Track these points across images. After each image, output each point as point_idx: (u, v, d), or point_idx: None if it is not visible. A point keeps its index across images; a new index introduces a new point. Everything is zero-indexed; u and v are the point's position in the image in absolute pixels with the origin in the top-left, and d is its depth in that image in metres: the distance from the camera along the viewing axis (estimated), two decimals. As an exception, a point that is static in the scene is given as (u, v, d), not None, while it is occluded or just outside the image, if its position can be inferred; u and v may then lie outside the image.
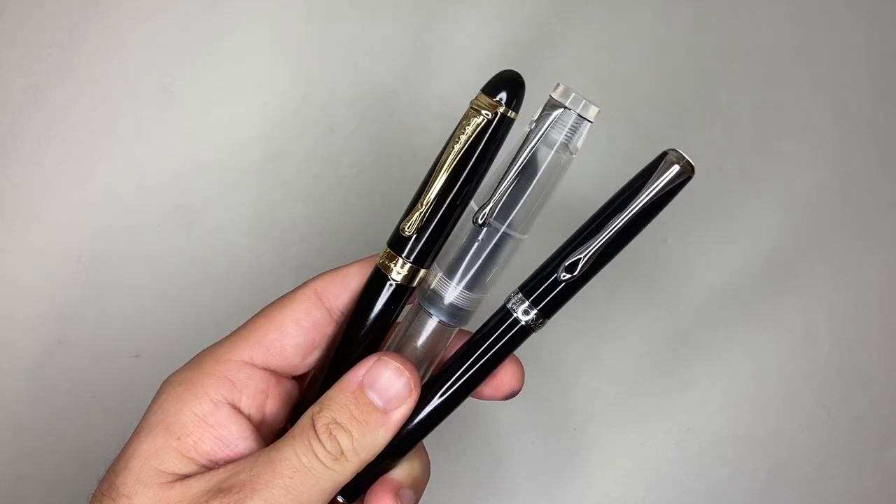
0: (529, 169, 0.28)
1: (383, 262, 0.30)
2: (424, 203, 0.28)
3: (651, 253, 0.50)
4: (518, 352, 0.32)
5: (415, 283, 0.30)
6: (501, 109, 0.28)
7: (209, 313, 0.33)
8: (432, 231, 0.29)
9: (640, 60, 0.51)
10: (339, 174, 0.48)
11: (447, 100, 0.29)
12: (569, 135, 0.28)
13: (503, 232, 0.29)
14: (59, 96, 0.46)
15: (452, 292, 0.30)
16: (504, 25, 0.50)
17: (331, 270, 0.32)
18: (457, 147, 0.28)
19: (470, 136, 0.28)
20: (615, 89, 0.51)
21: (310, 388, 0.32)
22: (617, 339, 0.49)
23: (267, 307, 0.31)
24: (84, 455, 0.30)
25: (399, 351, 0.31)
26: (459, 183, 0.28)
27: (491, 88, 0.28)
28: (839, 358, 0.51)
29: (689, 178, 0.27)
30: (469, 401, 0.32)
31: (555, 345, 0.48)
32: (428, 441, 0.38)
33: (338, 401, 0.29)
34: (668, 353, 0.49)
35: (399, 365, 0.29)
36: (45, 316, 0.45)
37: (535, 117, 0.28)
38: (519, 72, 0.28)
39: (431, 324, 0.31)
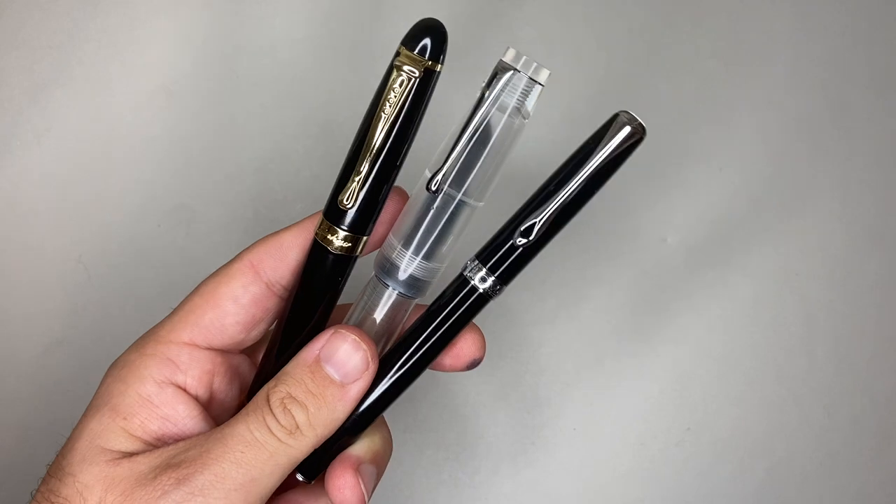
0: (482, 134, 0.28)
1: (322, 234, 0.29)
2: (360, 171, 0.28)
3: (651, 252, 0.50)
4: (518, 352, 0.32)
5: (358, 252, 0.29)
6: (427, 64, 0.27)
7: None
8: (369, 198, 0.28)
9: (639, 60, 0.51)
10: (339, 174, 0.48)
11: (448, 100, 0.29)
12: (521, 99, 0.28)
13: (459, 199, 0.29)
14: (59, 96, 0.46)
15: (409, 262, 0.29)
16: (503, 24, 0.50)
17: (265, 238, 0.31)
18: (387, 110, 0.27)
19: (399, 98, 0.27)
20: (613, 88, 0.51)
21: (265, 361, 0.32)
22: (617, 339, 0.49)
23: (203, 283, 0.31)
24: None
25: (357, 325, 0.31)
26: (392, 146, 0.28)
27: (411, 41, 0.27)
28: (839, 358, 0.51)
29: (641, 139, 0.27)
30: (468, 400, 0.32)
31: (554, 345, 0.48)
32: (427, 441, 0.38)
33: (293, 375, 0.28)
34: (668, 353, 0.49)
35: (356, 338, 0.29)
36: (45, 316, 0.45)
37: (486, 81, 0.28)
38: (438, 19, 0.27)
39: (389, 296, 0.30)
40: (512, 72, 0.27)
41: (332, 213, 0.29)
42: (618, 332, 0.49)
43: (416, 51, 0.26)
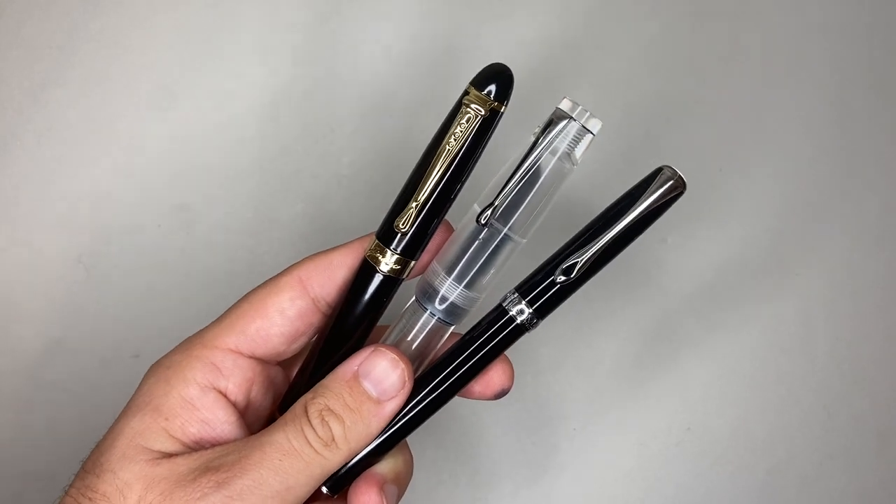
0: (533, 175, 0.30)
1: (372, 254, 0.30)
2: (419, 199, 0.29)
3: (650, 253, 0.50)
4: (518, 351, 0.32)
5: (405, 276, 0.30)
6: (493, 105, 0.28)
7: (209, 313, 0.33)
8: (423, 225, 0.30)
9: (639, 60, 0.51)
10: (339, 174, 0.48)
11: (447, 100, 0.30)
12: (571, 145, 0.30)
13: (504, 233, 0.30)
14: (59, 96, 0.46)
15: (451, 290, 0.31)
16: (503, 25, 0.50)
17: (315, 256, 0.32)
18: (452, 143, 0.29)
19: (465, 133, 0.29)
20: (615, 89, 0.51)
21: (300, 375, 0.33)
22: (616, 339, 0.49)
23: (252, 293, 0.31)
24: (84, 455, 0.30)
25: (394, 345, 0.32)
26: (452, 179, 0.29)
27: (480, 82, 0.29)
28: (839, 358, 0.51)
29: (682, 193, 0.29)
30: (469, 400, 0.32)
31: (554, 345, 0.48)
32: (428, 441, 0.38)
33: (332, 388, 0.29)
34: (668, 353, 0.49)
35: (395, 356, 0.30)
36: (45, 316, 0.45)
37: (541, 126, 0.30)
38: (507, 65, 0.29)
39: (428, 321, 0.31)
40: (567, 120, 0.29)
41: (386, 236, 0.30)
42: (617, 333, 0.49)
43: (484, 92, 0.28)
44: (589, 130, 0.29)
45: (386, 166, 0.48)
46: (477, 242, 0.30)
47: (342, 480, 0.31)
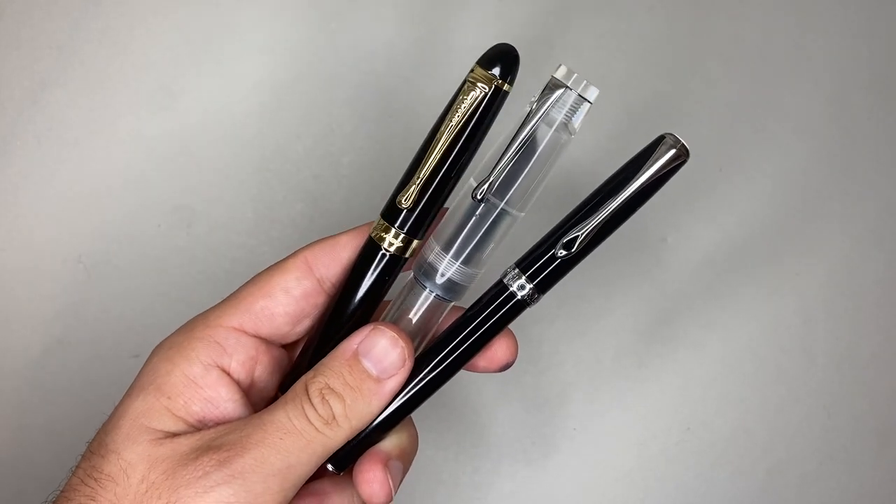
0: (529, 147, 0.29)
1: (377, 233, 0.30)
2: (421, 175, 0.29)
3: (650, 252, 0.50)
4: (518, 350, 0.32)
5: (408, 254, 0.30)
6: (497, 83, 0.28)
7: (209, 313, 0.33)
8: (427, 203, 0.29)
9: (639, 60, 0.51)
10: (339, 174, 0.48)
11: (447, 100, 0.30)
12: (568, 115, 0.29)
13: (501, 208, 0.30)
14: (59, 96, 0.46)
15: (449, 266, 0.30)
16: (503, 25, 0.50)
17: (322, 239, 0.32)
18: (454, 120, 0.28)
19: (467, 110, 0.28)
20: (615, 89, 0.51)
21: (302, 356, 0.33)
22: (616, 339, 0.49)
23: (258, 275, 0.32)
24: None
25: (394, 323, 0.31)
26: (455, 156, 0.29)
27: (486, 61, 0.28)
28: (839, 357, 0.51)
29: (685, 161, 0.28)
30: (468, 399, 0.32)
31: (554, 344, 0.48)
32: (427, 440, 0.38)
33: (332, 367, 0.29)
34: (668, 353, 0.49)
35: (395, 335, 0.29)
36: (45, 316, 0.45)
37: (536, 96, 0.29)
38: (513, 44, 0.28)
39: (427, 298, 0.31)
40: (563, 89, 0.28)
41: (389, 213, 0.30)
42: (617, 332, 0.49)
43: (490, 71, 0.28)
44: (586, 99, 0.28)
45: (386, 166, 0.48)
46: (474, 218, 0.30)
47: (347, 458, 0.31)
